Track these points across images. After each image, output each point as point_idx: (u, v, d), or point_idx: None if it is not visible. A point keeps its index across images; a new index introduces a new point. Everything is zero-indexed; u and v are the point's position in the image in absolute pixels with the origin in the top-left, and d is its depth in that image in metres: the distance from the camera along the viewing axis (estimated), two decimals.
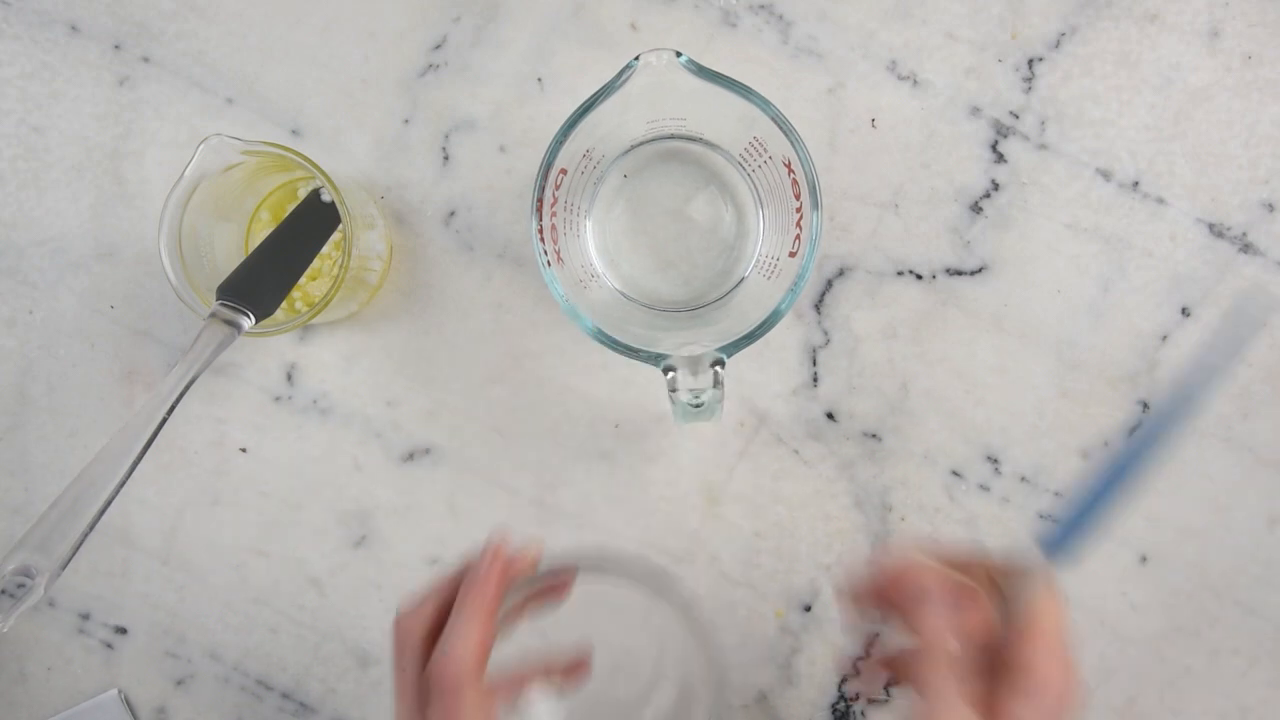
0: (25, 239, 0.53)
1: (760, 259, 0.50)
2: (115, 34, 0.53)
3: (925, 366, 0.51)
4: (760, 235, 0.50)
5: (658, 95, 0.42)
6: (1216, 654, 0.52)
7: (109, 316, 0.53)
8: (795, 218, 0.43)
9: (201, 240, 0.48)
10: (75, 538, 0.38)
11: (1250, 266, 0.50)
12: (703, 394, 0.40)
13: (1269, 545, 0.51)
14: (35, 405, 0.54)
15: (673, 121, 0.47)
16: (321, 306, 0.46)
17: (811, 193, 0.41)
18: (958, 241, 0.51)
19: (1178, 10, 0.50)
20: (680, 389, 0.40)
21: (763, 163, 0.46)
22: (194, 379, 0.43)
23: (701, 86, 0.41)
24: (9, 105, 0.53)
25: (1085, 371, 0.51)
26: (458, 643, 0.35)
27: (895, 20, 0.51)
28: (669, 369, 0.41)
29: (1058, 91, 0.51)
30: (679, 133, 0.49)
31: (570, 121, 0.41)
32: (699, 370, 0.40)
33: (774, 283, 0.46)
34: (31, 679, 0.54)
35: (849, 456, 0.52)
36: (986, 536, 0.52)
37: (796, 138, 0.41)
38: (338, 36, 0.52)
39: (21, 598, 0.38)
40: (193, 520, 0.54)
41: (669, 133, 0.49)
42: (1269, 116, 0.50)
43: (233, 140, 0.45)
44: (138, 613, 0.54)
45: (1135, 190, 0.51)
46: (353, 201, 0.47)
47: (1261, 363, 0.51)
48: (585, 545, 0.52)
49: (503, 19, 0.52)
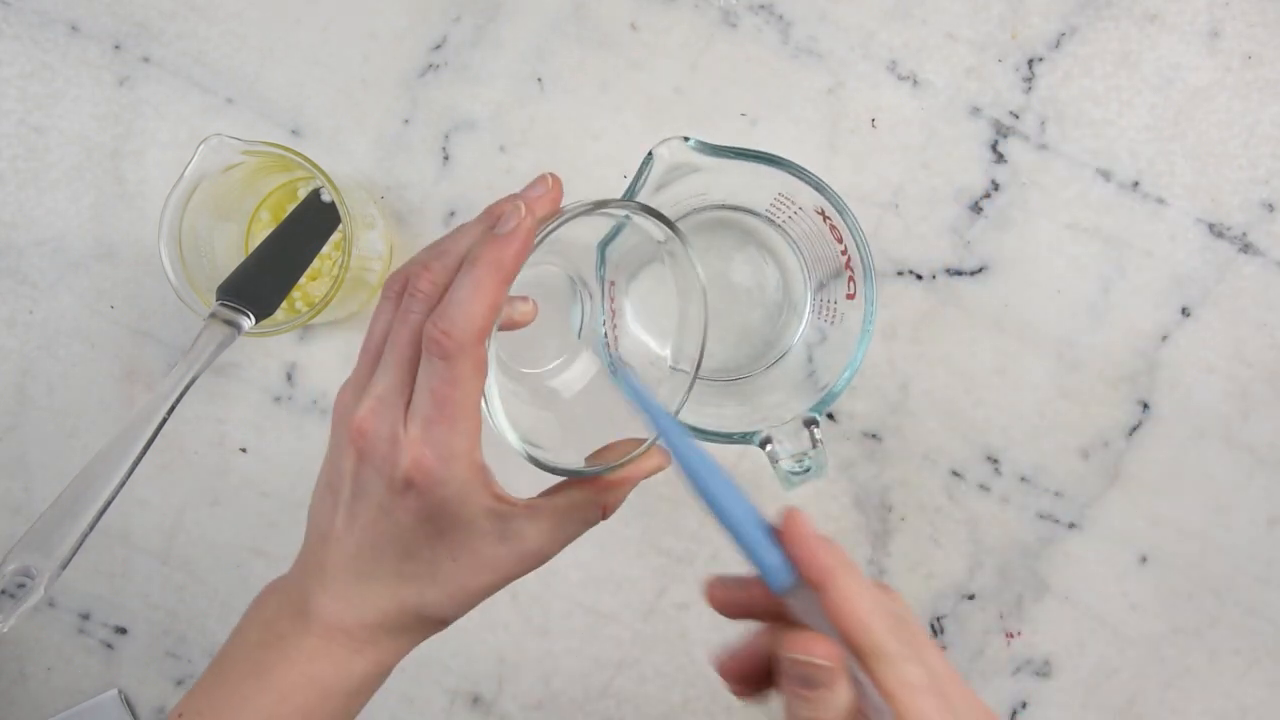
0: (25, 239, 0.53)
1: (818, 306, 0.49)
2: (115, 34, 0.53)
3: (925, 366, 0.51)
4: (807, 286, 0.50)
5: (673, 178, 0.42)
6: (1216, 654, 0.52)
7: (109, 316, 0.53)
8: (842, 260, 0.43)
9: (201, 240, 0.48)
10: (75, 538, 0.38)
11: (1250, 266, 0.50)
12: (805, 457, 0.40)
13: (1269, 545, 0.51)
14: (35, 405, 0.54)
15: (695, 197, 0.47)
16: (321, 306, 0.46)
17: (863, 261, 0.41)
18: (958, 241, 0.51)
19: (1178, 10, 0.50)
20: (782, 458, 0.40)
21: (793, 213, 0.46)
22: (194, 379, 0.43)
23: (714, 160, 0.40)
24: (9, 105, 0.53)
25: (1085, 371, 0.51)
26: (472, 303, 0.31)
27: (895, 20, 0.51)
28: (765, 443, 0.40)
29: (1058, 91, 0.51)
30: (703, 205, 0.49)
31: (606, 240, 0.41)
32: (795, 435, 0.40)
33: (837, 327, 0.45)
34: (31, 679, 0.54)
35: (849, 456, 0.52)
36: (986, 536, 0.52)
37: (832, 193, 0.41)
38: (338, 36, 0.52)
39: (21, 598, 0.38)
40: (193, 520, 0.54)
41: (693, 208, 0.49)
42: (1269, 116, 0.50)
43: (233, 140, 0.45)
44: (138, 613, 0.54)
45: (1135, 190, 0.51)
46: (353, 201, 0.47)
47: (1261, 363, 0.51)
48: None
49: (503, 19, 0.52)
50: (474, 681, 0.54)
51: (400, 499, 0.33)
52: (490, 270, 0.32)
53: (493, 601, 0.53)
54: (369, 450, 0.32)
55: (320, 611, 0.34)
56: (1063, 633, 0.52)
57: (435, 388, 0.31)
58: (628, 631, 0.53)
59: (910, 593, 0.52)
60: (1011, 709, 0.53)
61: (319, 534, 0.35)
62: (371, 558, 0.34)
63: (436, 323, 0.31)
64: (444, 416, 0.32)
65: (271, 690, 0.34)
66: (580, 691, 0.53)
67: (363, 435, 0.32)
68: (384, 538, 0.33)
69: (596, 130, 0.52)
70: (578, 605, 0.53)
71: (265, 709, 0.34)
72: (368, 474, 0.33)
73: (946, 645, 0.52)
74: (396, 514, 0.33)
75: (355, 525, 0.33)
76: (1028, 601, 0.52)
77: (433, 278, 0.33)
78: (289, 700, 0.34)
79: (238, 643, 0.35)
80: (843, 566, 0.30)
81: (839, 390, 0.41)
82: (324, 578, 0.34)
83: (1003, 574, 0.52)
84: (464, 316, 0.31)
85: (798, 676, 0.29)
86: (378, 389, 0.33)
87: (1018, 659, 0.52)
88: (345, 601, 0.34)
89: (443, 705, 0.54)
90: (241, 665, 0.34)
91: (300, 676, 0.34)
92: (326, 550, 0.34)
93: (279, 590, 0.36)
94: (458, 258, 0.33)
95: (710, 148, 0.40)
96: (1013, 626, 0.52)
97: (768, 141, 0.51)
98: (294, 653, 0.34)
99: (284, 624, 0.34)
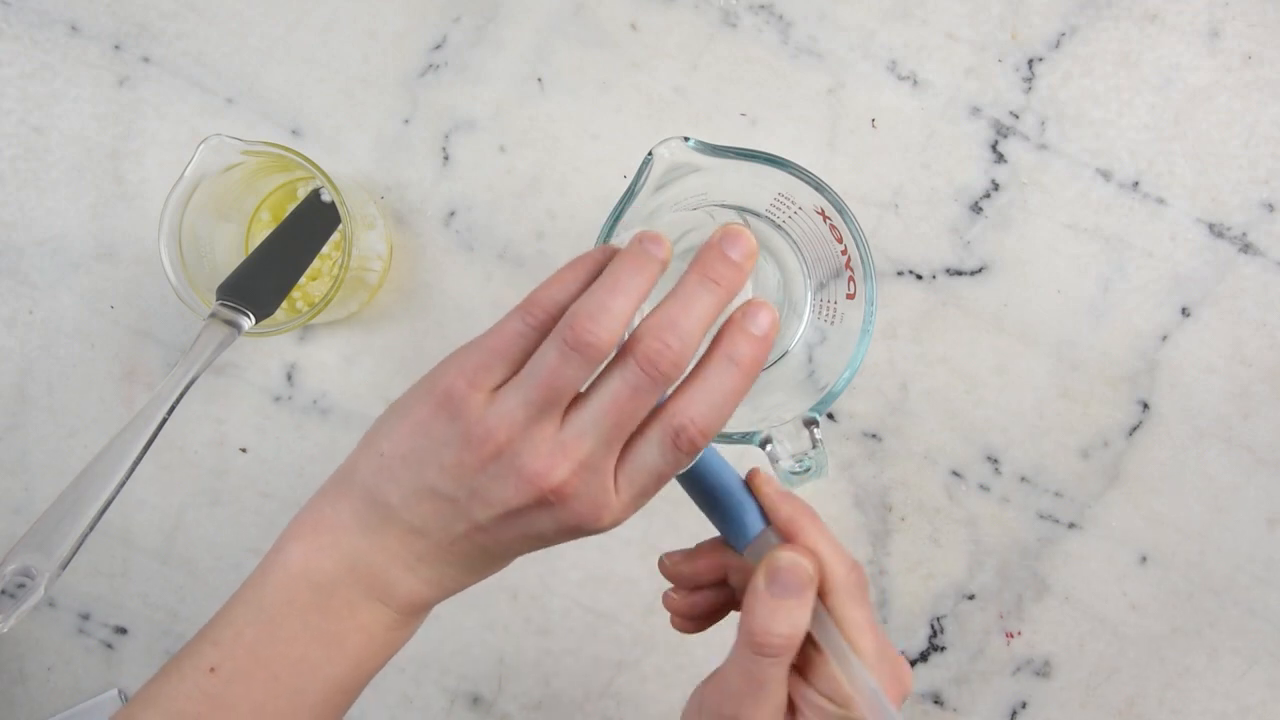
0: (25, 239, 0.53)
1: (818, 306, 0.49)
2: (115, 34, 0.53)
3: (925, 366, 0.51)
4: (807, 286, 0.50)
5: (673, 178, 0.42)
6: (1216, 654, 0.52)
7: (109, 316, 0.53)
8: (842, 260, 0.43)
9: (201, 240, 0.48)
10: (75, 538, 0.38)
11: (1250, 266, 0.50)
12: (805, 458, 0.40)
13: (1269, 545, 0.51)
14: (35, 405, 0.54)
15: (695, 198, 0.47)
16: (321, 306, 0.46)
17: (863, 261, 0.41)
18: (958, 241, 0.51)
19: (1178, 10, 0.50)
20: (782, 458, 0.40)
21: (793, 214, 0.46)
22: (194, 379, 0.43)
23: (714, 161, 0.40)
24: (9, 105, 0.53)
25: (1085, 371, 0.51)
26: (725, 409, 0.32)
27: (895, 20, 0.51)
28: (765, 443, 0.40)
29: (1058, 91, 0.51)
30: (703, 205, 0.49)
31: (602, 237, 0.41)
32: (795, 436, 0.40)
33: (837, 327, 0.45)
34: (31, 679, 0.54)
35: (849, 456, 0.52)
36: (986, 536, 0.52)
37: (832, 194, 0.41)
38: (338, 36, 0.52)
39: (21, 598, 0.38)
40: (193, 520, 0.54)
41: (692, 207, 0.49)
42: (1269, 116, 0.50)
43: (233, 140, 0.45)
44: (138, 613, 0.54)
45: (1135, 190, 0.51)
46: (353, 201, 0.47)
47: (1261, 363, 0.51)
48: None
49: (503, 19, 0.52)
50: (474, 681, 0.54)
51: (567, 538, 0.33)
52: (752, 373, 0.32)
53: (493, 601, 0.53)
54: (560, 506, 0.32)
55: (406, 593, 0.34)
56: (1063, 633, 0.52)
57: (665, 473, 0.32)
58: (628, 631, 0.53)
59: (910, 593, 0.52)
60: (1011, 709, 0.53)
61: (411, 529, 0.33)
62: (484, 558, 0.34)
63: (697, 422, 0.32)
64: (656, 490, 0.33)
65: (345, 658, 0.34)
66: (580, 691, 0.53)
67: (558, 494, 0.31)
68: (514, 551, 0.34)
69: (596, 130, 0.52)
70: (578, 605, 0.53)
71: (336, 676, 0.34)
72: (542, 517, 0.32)
73: (946, 645, 0.53)
74: (549, 540, 0.34)
75: (484, 538, 0.33)
76: (1028, 601, 0.52)
77: (675, 358, 0.31)
78: (362, 666, 0.35)
79: (281, 600, 0.34)
80: (808, 516, 0.34)
81: (839, 390, 0.41)
82: (418, 566, 0.34)
83: (1003, 574, 0.52)
84: (722, 419, 0.32)
85: (776, 581, 0.32)
86: (581, 451, 0.32)
87: (1018, 659, 0.52)
88: (435, 586, 0.35)
89: (443, 705, 0.54)
90: (295, 627, 0.34)
91: (377, 646, 0.35)
92: (427, 546, 0.34)
93: (327, 552, 0.34)
94: (694, 336, 0.32)
95: (710, 148, 0.39)
96: (1013, 626, 0.52)
97: (768, 141, 0.51)
98: (371, 624, 0.34)
99: (351, 594, 0.34)
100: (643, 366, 0.31)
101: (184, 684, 0.33)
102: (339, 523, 0.34)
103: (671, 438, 0.32)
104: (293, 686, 0.34)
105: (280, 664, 0.33)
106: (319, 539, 0.34)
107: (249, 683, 0.33)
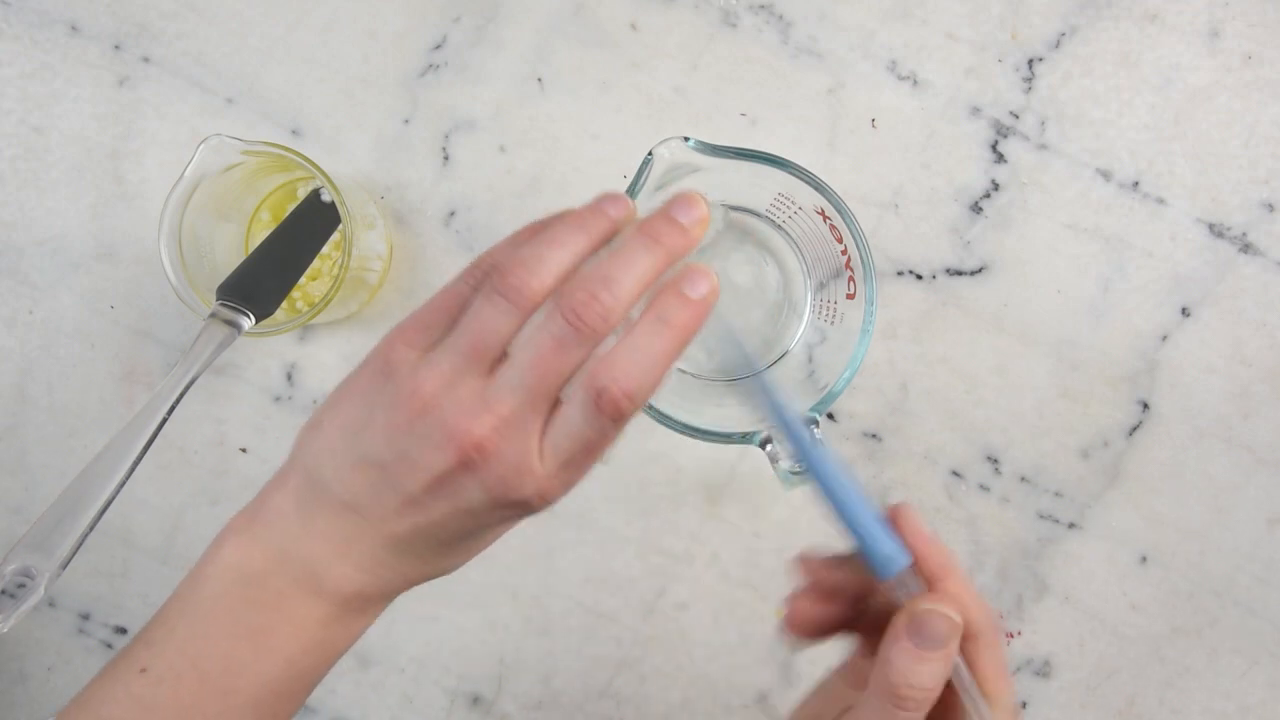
0: (25, 239, 0.53)
1: (818, 306, 0.49)
2: (115, 34, 0.53)
3: (925, 366, 0.51)
4: (807, 286, 0.50)
5: (673, 178, 0.42)
6: (1216, 654, 0.52)
7: (109, 316, 0.53)
8: (842, 260, 0.43)
9: (201, 240, 0.48)
10: (75, 538, 0.38)
11: (1250, 266, 0.50)
12: None
13: (1269, 545, 0.51)
14: (35, 405, 0.54)
15: None
16: (321, 306, 0.46)
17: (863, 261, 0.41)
18: (958, 241, 0.51)
19: (1178, 10, 0.50)
20: (782, 458, 0.40)
21: (793, 214, 0.46)
22: (194, 379, 0.43)
23: (714, 161, 0.40)
24: (9, 105, 0.53)
25: (1085, 371, 0.51)
26: (658, 369, 0.30)
27: (895, 20, 0.51)
28: (765, 443, 0.40)
29: (1058, 91, 0.51)
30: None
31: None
32: None
33: (837, 327, 0.45)
34: (31, 679, 0.54)
35: (849, 456, 0.52)
36: (986, 536, 0.52)
37: (832, 194, 0.41)
38: (338, 36, 0.52)
39: (21, 598, 0.38)
40: (193, 520, 0.54)
41: None
42: (1269, 116, 0.50)
43: (233, 140, 0.45)
44: (138, 613, 0.54)
45: (1135, 190, 0.51)
46: (353, 201, 0.47)
47: (1261, 363, 0.51)
48: None
49: (503, 19, 0.52)
50: (474, 681, 0.54)
51: (499, 513, 0.32)
52: (683, 337, 0.30)
53: (493, 601, 0.53)
54: (482, 467, 0.30)
55: (339, 581, 0.32)
56: (1063, 633, 0.52)
57: (591, 440, 0.30)
58: (628, 631, 0.53)
59: None
60: None
61: (343, 504, 0.32)
62: (423, 543, 0.32)
63: (620, 382, 0.29)
64: (587, 463, 0.31)
65: (275, 655, 0.32)
66: (580, 691, 0.53)
67: (480, 450, 0.30)
68: (451, 533, 0.32)
69: (596, 130, 0.52)
70: (578, 605, 0.53)
71: (268, 675, 0.32)
72: (468, 484, 0.31)
73: None
74: (482, 519, 0.32)
75: (416, 514, 0.31)
76: (1028, 601, 0.52)
77: (604, 312, 0.30)
78: (296, 665, 0.33)
79: (212, 595, 0.32)
80: (954, 563, 0.32)
81: (839, 390, 0.41)
82: (349, 550, 0.32)
83: (1003, 574, 0.52)
84: (650, 383, 0.30)
85: (922, 633, 0.30)
86: (504, 406, 0.30)
87: (1018, 659, 0.52)
88: (371, 574, 0.33)
89: (443, 705, 0.54)
90: (225, 623, 0.32)
91: (310, 642, 0.33)
92: (359, 525, 0.32)
93: (260, 543, 0.33)
94: (627, 293, 0.30)
95: (710, 148, 0.39)
96: (1013, 626, 0.52)
97: (768, 141, 0.51)
98: (302, 618, 0.32)
99: (280, 584, 0.32)
100: (566, 316, 0.29)
101: (115, 687, 0.32)
102: (278, 509, 0.33)
103: (594, 399, 0.30)
104: (222, 687, 0.32)
105: (209, 663, 0.32)
106: (254, 529, 0.33)
107: (178, 684, 0.31)
